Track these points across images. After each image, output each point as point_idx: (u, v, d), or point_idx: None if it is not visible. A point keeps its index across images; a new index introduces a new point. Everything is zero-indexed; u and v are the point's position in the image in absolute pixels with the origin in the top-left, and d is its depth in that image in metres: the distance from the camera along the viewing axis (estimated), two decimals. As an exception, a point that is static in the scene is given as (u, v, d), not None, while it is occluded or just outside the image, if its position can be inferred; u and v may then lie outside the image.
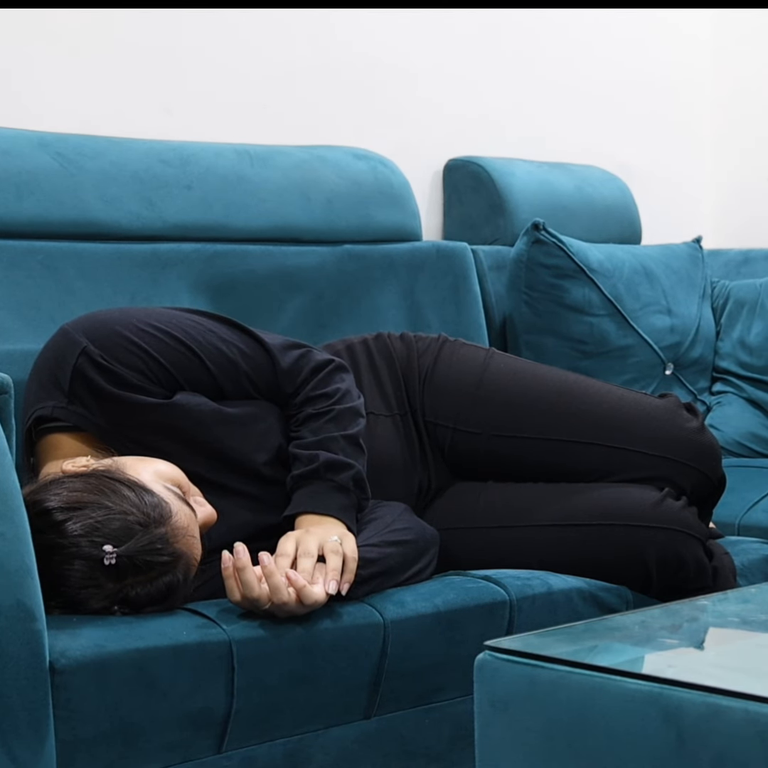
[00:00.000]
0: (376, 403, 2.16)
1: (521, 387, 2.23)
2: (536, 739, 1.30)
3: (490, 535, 2.12)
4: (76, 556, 1.68)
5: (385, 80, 3.03)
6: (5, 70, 2.46)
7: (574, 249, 2.92)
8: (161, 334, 1.95)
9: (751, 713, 1.17)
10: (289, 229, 2.61)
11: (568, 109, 3.41)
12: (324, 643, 1.74)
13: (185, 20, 2.70)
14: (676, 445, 2.16)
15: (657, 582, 2.06)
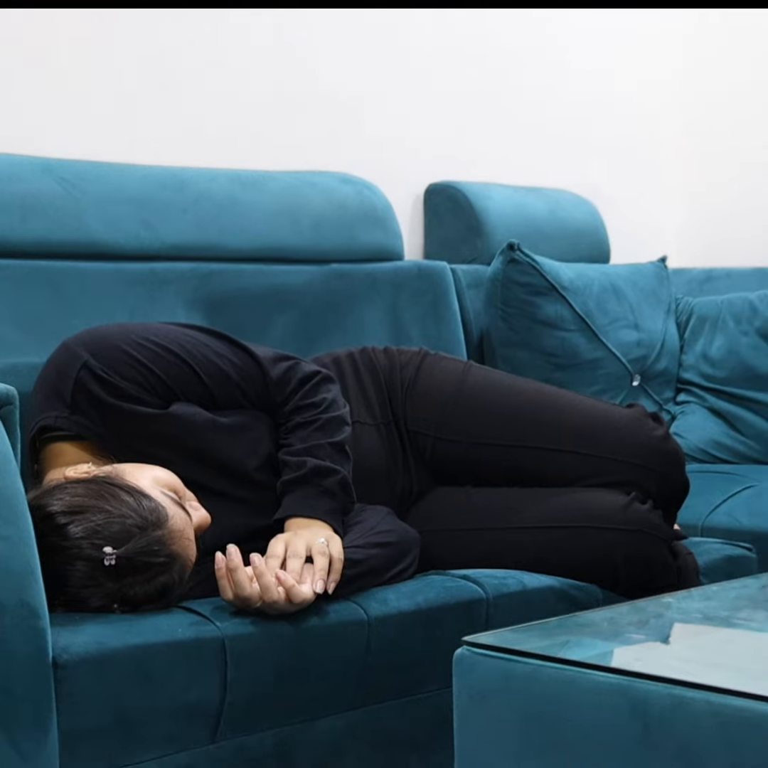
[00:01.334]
0: (361, 412, 2.16)
1: (497, 397, 2.23)
2: (511, 729, 1.30)
3: (468, 537, 2.12)
4: (78, 558, 1.67)
5: (369, 111, 3.03)
6: (11, 100, 2.45)
7: (547, 268, 2.92)
8: (158, 348, 1.95)
9: (713, 704, 1.17)
10: (279, 250, 2.61)
11: (542, 136, 3.41)
12: (312, 639, 1.74)
13: (184, 55, 2.70)
14: (642, 452, 2.17)
15: (625, 580, 2.05)
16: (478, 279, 2.97)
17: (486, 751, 1.32)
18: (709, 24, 3.69)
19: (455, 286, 2.91)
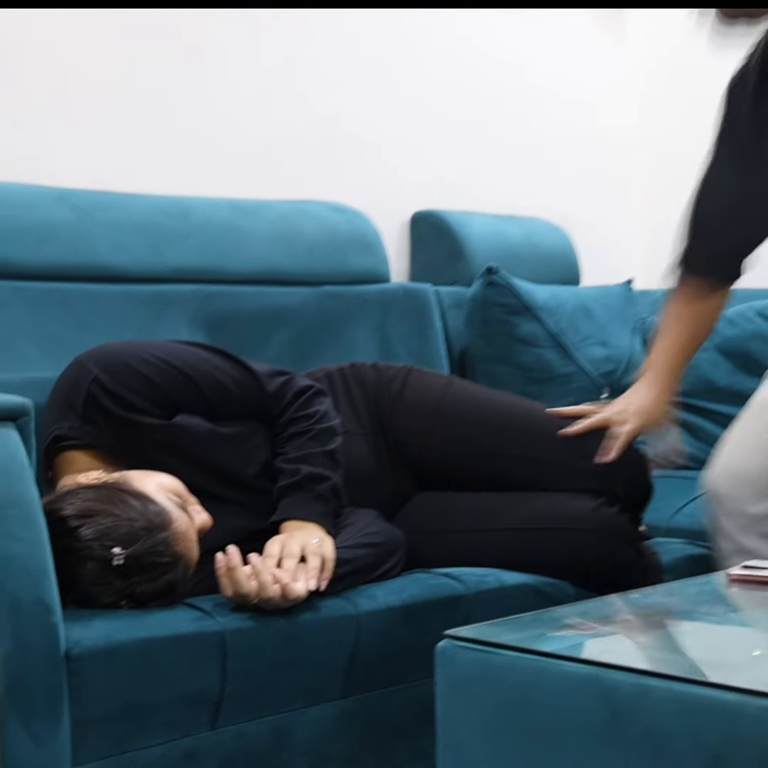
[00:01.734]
0: (351, 423, 2.16)
1: (477, 409, 2.23)
2: (489, 715, 1.30)
3: (451, 538, 2.12)
4: (89, 558, 1.67)
5: (359, 145, 3.03)
6: (28, 135, 2.45)
7: (523, 290, 2.93)
8: (163, 364, 1.95)
9: (675, 692, 1.17)
10: (275, 273, 2.61)
11: (517, 169, 3.42)
12: (305, 632, 1.74)
13: (189, 93, 2.70)
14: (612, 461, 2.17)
15: (595, 578, 2.05)
16: (460, 300, 2.97)
17: (466, 736, 1.32)
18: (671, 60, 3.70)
19: (438, 307, 2.91)
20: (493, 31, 3.35)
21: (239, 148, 2.79)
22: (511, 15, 3.38)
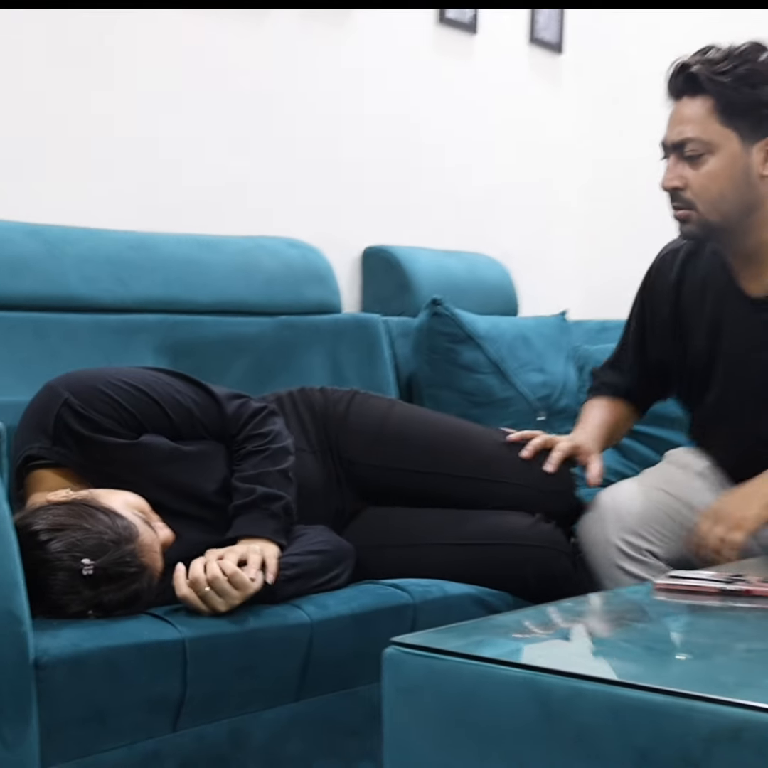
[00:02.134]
0: (300, 441, 2.15)
1: (417, 431, 2.23)
2: (432, 716, 1.29)
3: (398, 551, 2.11)
4: (60, 569, 1.66)
5: (313, 185, 3.03)
6: (1, 170, 2.43)
7: (466, 320, 2.93)
8: (129, 387, 1.94)
9: (605, 693, 1.17)
10: (235, 304, 2.60)
11: (461, 209, 3.43)
12: (261, 639, 1.73)
13: (157, 140, 2.69)
14: (541, 477, 2.18)
15: (532, 588, 2.06)
16: (407, 329, 2.97)
17: (411, 736, 1.31)
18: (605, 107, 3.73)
19: (387, 335, 2.90)
20: (437, 84, 3.36)
21: (201, 187, 2.79)
22: (453, 68, 3.40)
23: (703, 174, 2.03)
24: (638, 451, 3.02)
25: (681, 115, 2.05)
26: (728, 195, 2.04)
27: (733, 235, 2.09)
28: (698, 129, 2.02)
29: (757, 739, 1.08)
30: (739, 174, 2.03)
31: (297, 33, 2.98)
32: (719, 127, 2.01)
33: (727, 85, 2.00)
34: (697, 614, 1.52)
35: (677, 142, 2.05)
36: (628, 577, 2.12)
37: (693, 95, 2.03)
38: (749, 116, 2.01)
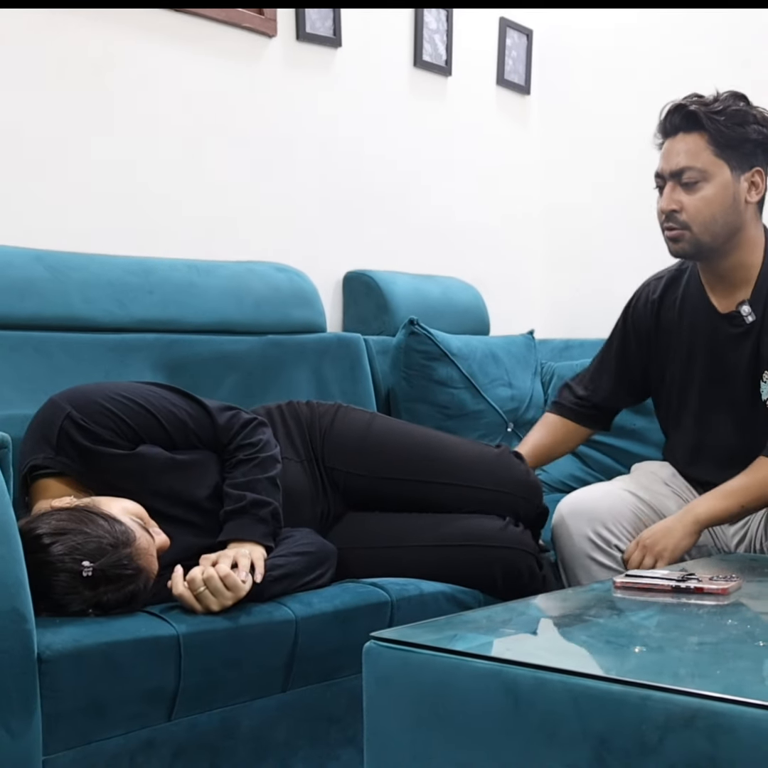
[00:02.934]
0: (288, 451, 2.15)
1: (397, 441, 2.23)
2: (409, 706, 1.29)
3: (377, 553, 2.11)
4: (61, 570, 1.65)
5: (299, 215, 3.04)
6: (9, 201, 2.42)
7: (440, 339, 2.94)
8: (128, 401, 1.93)
9: (567, 684, 1.17)
10: (226, 324, 2.59)
11: (435, 237, 3.43)
12: (250, 635, 1.72)
13: (152, 170, 2.69)
14: (510, 483, 2.18)
15: (501, 586, 2.06)
16: (386, 347, 2.97)
17: (389, 725, 1.31)
18: (569, 144, 3.74)
19: (367, 353, 2.90)
20: (413, 122, 3.37)
21: (196, 217, 2.79)
22: (428, 107, 3.41)
23: (698, 199, 2.13)
24: (598, 459, 3.03)
25: (679, 147, 2.15)
26: (719, 218, 2.14)
27: (718, 254, 2.19)
28: (695, 159, 2.13)
29: (708, 726, 1.08)
30: (729, 200, 2.14)
31: (284, 74, 2.98)
32: (713, 158, 2.12)
33: (721, 123, 2.11)
34: (653, 610, 1.52)
35: (675, 170, 2.14)
36: (598, 566, 2.14)
37: (689, 131, 2.14)
38: (738, 150, 2.13)
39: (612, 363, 2.43)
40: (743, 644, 1.32)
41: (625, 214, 3.56)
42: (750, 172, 2.14)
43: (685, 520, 2.11)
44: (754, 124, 2.13)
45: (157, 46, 2.68)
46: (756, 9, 3.25)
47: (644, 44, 3.53)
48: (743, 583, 1.63)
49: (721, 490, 2.14)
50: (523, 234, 3.76)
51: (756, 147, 2.14)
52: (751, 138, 2.12)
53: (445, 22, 3.40)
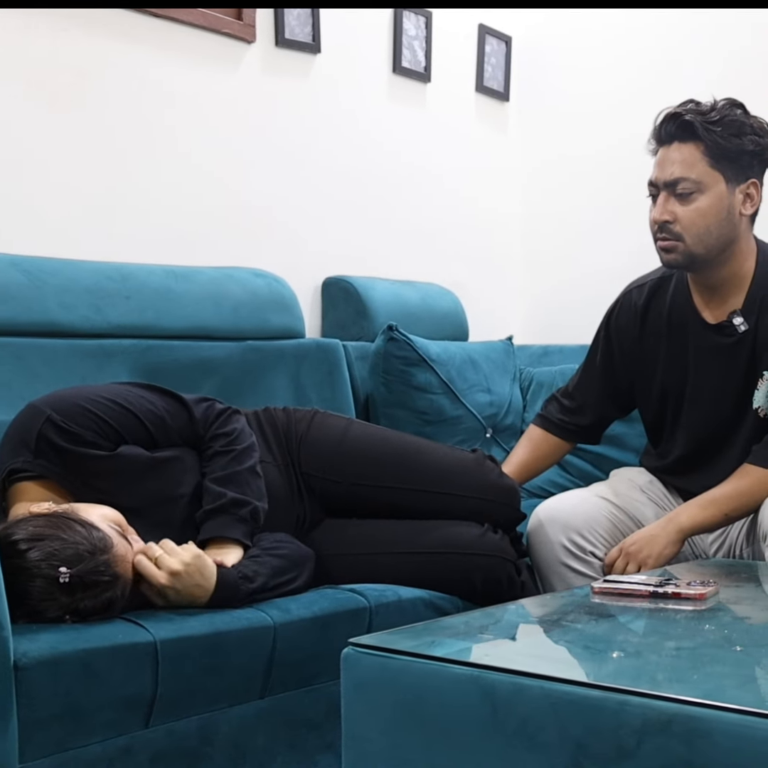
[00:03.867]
0: (265, 455, 2.15)
1: (373, 447, 2.23)
2: (387, 712, 1.29)
3: (356, 559, 2.11)
4: (38, 576, 1.64)
5: (278, 221, 3.03)
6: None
7: (419, 344, 2.94)
8: (107, 402, 1.94)
9: (545, 689, 1.17)
10: (204, 329, 2.58)
11: (416, 242, 3.44)
12: (228, 641, 1.72)
13: (129, 173, 2.68)
14: (485, 488, 2.19)
15: (480, 593, 2.06)
16: (365, 353, 2.97)
17: (367, 730, 1.31)
18: (547, 150, 3.76)
19: (346, 359, 2.90)
20: (392, 128, 3.37)
21: (173, 222, 2.78)
22: (408, 114, 3.42)
23: (693, 210, 2.11)
24: (577, 465, 3.03)
25: (674, 157, 2.12)
26: (713, 230, 2.12)
27: (710, 266, 2.17)
28: (691, 170, 2.10)
29: (684, 730, 1.08)
30: (723, 212, 2.12)
31: (263, 80, 2.98)
32: (709, 170, 2.10)
33: (717, 134, 2.08)
34: (630, 615, 1.53)
35: (670, 180, 2.12)
36: (573, 573, 2.14)
37: (684, 141, 2.11)
38: (735, 162, 2.11)
39: (597, 378, 2.41)
40: (720, 649, 1.32)
41: (603, 220, 3.58)
42: (745, 184, 2.12)
43: (669, 528, 2.11)
44: (751, 134, 2.10)
45: (135, 52, 2.68)
46: (740, 10, 3.26)
47: (622, 51, 3.55)
48: (720, 588, 1.64)
49: (704, 498, 2.14)
50: (502, 240, 3.77)
51: (752, 158, 2.12)
52: (748, 149, 2.10)
53: (424, 28, 3.41)
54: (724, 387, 2.21)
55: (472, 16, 3.60)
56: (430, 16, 3.42)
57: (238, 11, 2.89)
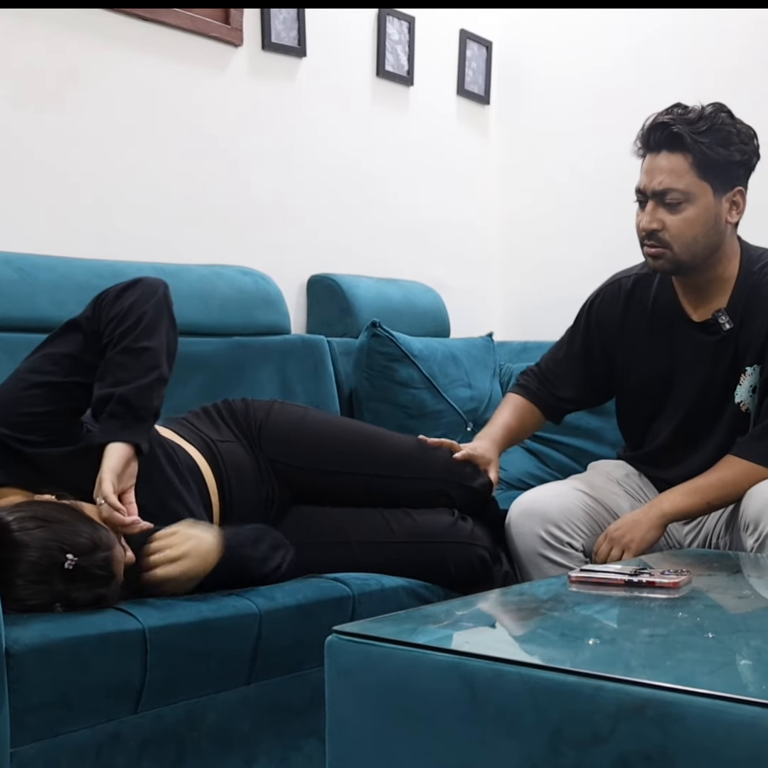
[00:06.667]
0: (224, 434, 2.13)
1: (332, 433, 2.22)
2: (370, 699, 1.29)
3: (328, 548, 2.09)
4: (42, 556, 1.60)
5: (265, 220, 3.03)
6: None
7: (402, 340, 2.94)
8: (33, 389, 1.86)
9: (523, 675, 1.17)
10: (193, 326, 2.57)
11: (399, 241, 3.44)
12: (215, 629, 1.72)
13: (119, 176, 2.67)
14: (444, 469, 2.18)
15: (458, 581, 2.06)
16: (349, 349, 2.97)
17: (350, 716, 1.31)
18: (526, 153, 3.76)
19: (331, 354, 2.90)
20: (375, 131, 3.37)
21: (163, 220, 2.77)
22: (390, 116, 3.41)
23: (681, 219, 2.11)
24: (555, 458, 3.04)
25: (662, 166, 2.11)
26: (700, 239, 2.12)
27: (696, 270, 2.17)
28: (679, 181, 2.09)
29: (658, 715, 1.09)
30: (711, 221, 2.12)
31: (250, 83, 2.97)
32: (697, 180, 2.09)
33: (706, 145, 2.08)
34: (606, 603, 1.53)
35: (659, 190, 2.11)
36: (550, 564, 2.15)
37: (673, 150, 2.10)
38: (722, 172, 2.10)
39: (576, 361, 2.39)
40: (693, 636, 1.32)
41: (580, 221, 3.58)
42: (731, 192, 2.12)
43: (651, 513, 2.12)
44: (738, 143, 2.10)
45: (122, 56, 2.67)
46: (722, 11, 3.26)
47: (602, 56, 3.55)
48: (693, 577, 1.64)
49: (688, 486, 2.15)
50: (483, 239, 3.77)
51: (739, 168, 2.12)
52: (735, 160, 2.10)
53: (407, 33, 3.41)
54: (707, 383, 2.21)
55: (453, 22, 3.60)
56: (413, 21, 3.42)
57: (225, 15, 2.88)
